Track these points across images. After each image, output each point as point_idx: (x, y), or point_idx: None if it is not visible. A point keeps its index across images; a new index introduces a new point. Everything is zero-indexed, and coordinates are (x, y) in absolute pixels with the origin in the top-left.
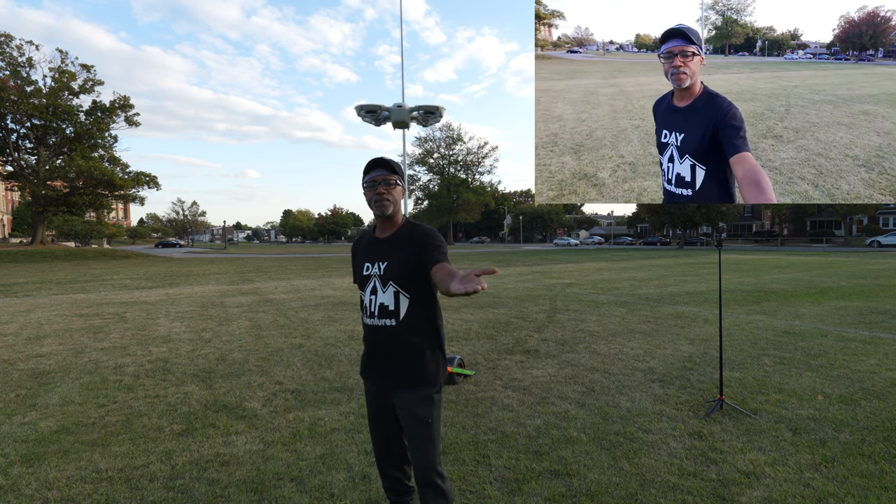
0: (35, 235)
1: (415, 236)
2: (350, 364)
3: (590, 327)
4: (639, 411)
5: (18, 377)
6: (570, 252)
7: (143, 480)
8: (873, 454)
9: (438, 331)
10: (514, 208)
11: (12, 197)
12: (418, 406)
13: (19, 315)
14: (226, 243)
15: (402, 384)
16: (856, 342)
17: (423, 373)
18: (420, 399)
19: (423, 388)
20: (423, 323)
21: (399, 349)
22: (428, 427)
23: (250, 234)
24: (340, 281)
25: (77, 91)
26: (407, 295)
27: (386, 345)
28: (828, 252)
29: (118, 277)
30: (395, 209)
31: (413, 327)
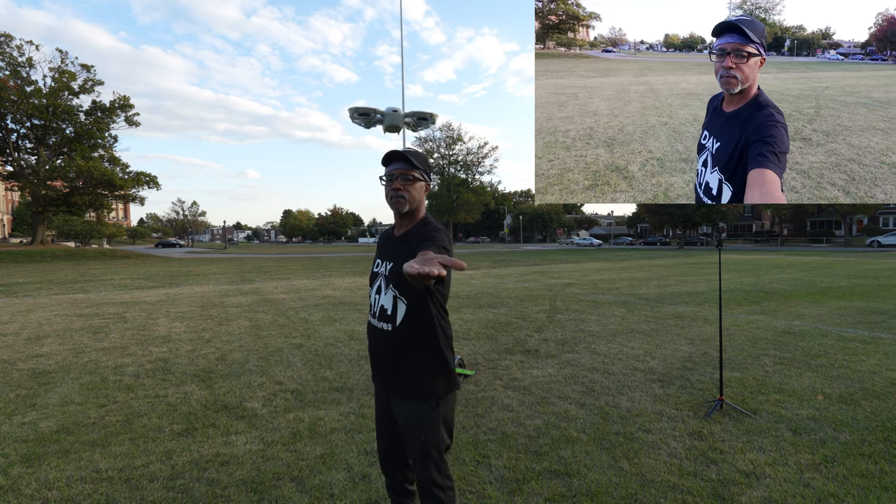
0: (35, 235)
1: (419, 235)
2: (350, 364)
3: (590, 327)
4: (639, 411)
5: (18, 377)
6: (571, 252)
7: (143, 480)
8: (873, 454)
9: (438, 342)
10: (514, 208)
11: (12, 197)
12: (411, 420)
13: (19, 315)
14: (226, 243)
15: (398, 393)
16: (856, 342)
17: (418, 386)
18: (414, 413)
19: (417, 403)
20: (420, 332)
21: (395, 356)
22: (420, 443)
23: (250, 234)
24: (340, 281)
25: (77, 91)
26: (404, 301)
27: (383, 349)
28: (828, 252)
29: (118, 277)
30: (412, 207)
31: (409, 336)
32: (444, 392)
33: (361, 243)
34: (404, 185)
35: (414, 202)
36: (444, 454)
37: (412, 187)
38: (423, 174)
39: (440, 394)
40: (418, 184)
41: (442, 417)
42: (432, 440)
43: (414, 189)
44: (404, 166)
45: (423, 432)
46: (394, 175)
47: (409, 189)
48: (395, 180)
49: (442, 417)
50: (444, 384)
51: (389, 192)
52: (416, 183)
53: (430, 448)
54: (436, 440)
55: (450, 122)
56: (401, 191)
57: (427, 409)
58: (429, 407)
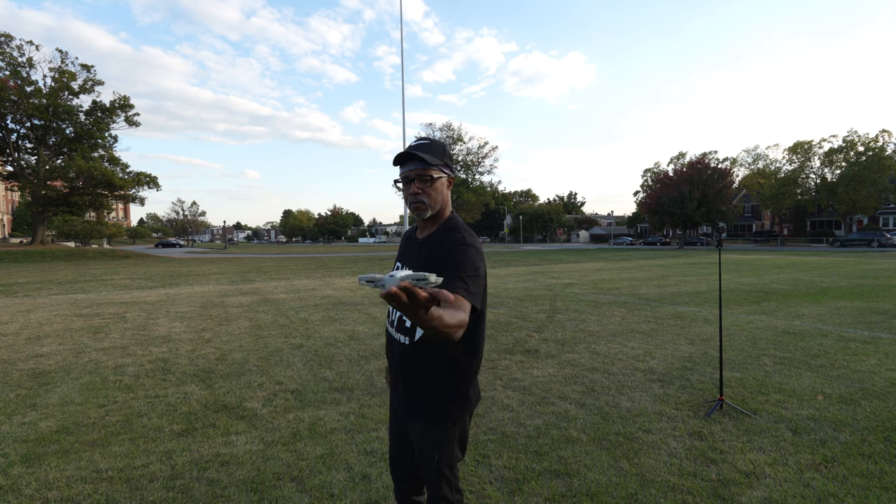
0: (35, 235)
1: (446, 245)
2: (350, 364)
3: (590, 327)
4: (639, 411)
5: (18, 377)
6: (571, 252)
7: (143, 480)
8: (873, 454)
9: (459, 363)
10: (514, 208)
11: (12, 197)
12: (425, 441)
13: (19, 315)
14: (226, 243)
15: (412, 411)
16: (856, 342)
17: (434, 406)
18: (426, 435)
19: (431, 423)
20: (440, 350)
21: (411, 371)
22: (434, 463)
23: (250, 234)
24: (340, 281)
25: (77, 91)
26: None
27: (399, 362)
28: (828, 252)
29: (118, 277)
30: (434, 210)
31: (428, 352)
32: (461, 413)
33: (361, 243)
34: (423, 188)
35: (437, 204)
36: (456, 469)
37: (432, 189)
38: (442, 169)
39: (457, 416)
40: (439, 182)
41: (458, 435)
42: (445, 459)
43: (434, 190)
44: (420, 166)
45: (437, 453)
46: (409, 178)
47: (429, 191)
48: (412, 183)
49: (458, 435)
50: (463, 405)
51: (408, 196)
52: (435, 182)
53: (444, 468)
54: (449, 459)
55: (450, 122)
56: (420, 195)
57: (443, 432)
58: (445, 430)
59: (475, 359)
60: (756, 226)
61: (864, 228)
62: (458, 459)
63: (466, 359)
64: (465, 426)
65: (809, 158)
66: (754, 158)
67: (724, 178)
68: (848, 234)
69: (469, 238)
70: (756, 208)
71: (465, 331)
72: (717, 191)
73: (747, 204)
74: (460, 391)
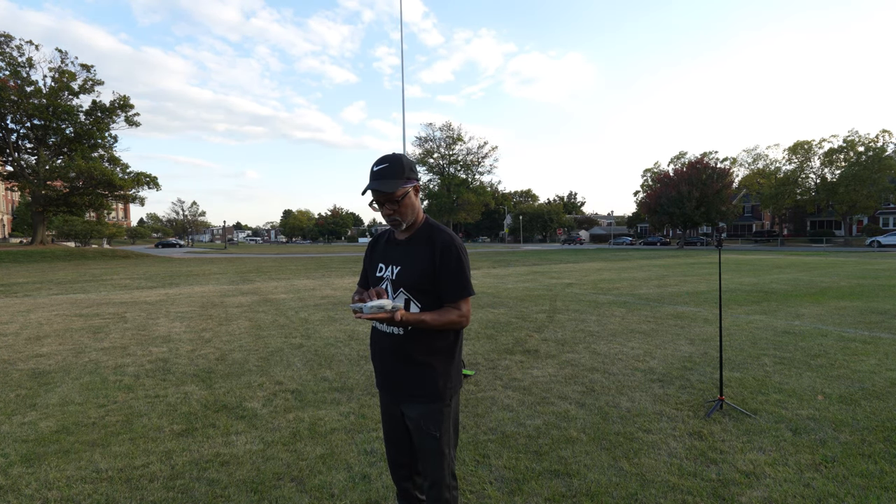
0: (35, 235)
1: (435, 245)
2: (350, 364)
3: (590, 327)
4: (639, 411)
5: (18, 377)
6: (571, 252)
7: (143, 480)
8: (873, 454)
9: (451, 344)
10: (514, 208)
11: (12, 197)
12: (426, 421)
13: (19, 315)
14: (226, 243)
15: (409, 397)
16: (856, 342)
17: (431, 387)
18: (427, 414)
19: (430, 403)
20: (433, 335)
21: (406, 360)
22: (436, 441)
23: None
24: (340, 281)
25: (77, 91)
26: (418, 304)
27: (392, 354)
28: (828, 252)
29: (118, 277)
30: (408, 222)
31: (422, 339)
32: (455, 390)
33: (361, 243)
34: (394, 209)
35: (410, 216)
36: (454, 452)
37: (402, 206)
38: (405, 184)
39: (451, 393)
40: (406, 199)
41: (453, 414)
42: (445, 437)
43: (404, 206)
44: (384, 192)
45: (438, 430)
46: (380, 201)
47: (400, 209)
48: (383, 206)
49: (453, 414)
50: (455, 382)
51: (384, 216)
52: (404, 200)
53: (444, 446)
54: (448, 437)
55: (450, 122)
56: (393, 215)
57: (442, 408)
58: (444, 405)
59: (459, 339)
60: (756, 226)
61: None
62: (455, 443)
63: (453, 341)
64: (457, 405)
65: (809, 158)
66: (754, 158)
67: (723, 177)
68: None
69: (452, 240)
70: (756, 208)
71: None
72: (716, 191)
73: (747, 204)
74: (452, 372)
